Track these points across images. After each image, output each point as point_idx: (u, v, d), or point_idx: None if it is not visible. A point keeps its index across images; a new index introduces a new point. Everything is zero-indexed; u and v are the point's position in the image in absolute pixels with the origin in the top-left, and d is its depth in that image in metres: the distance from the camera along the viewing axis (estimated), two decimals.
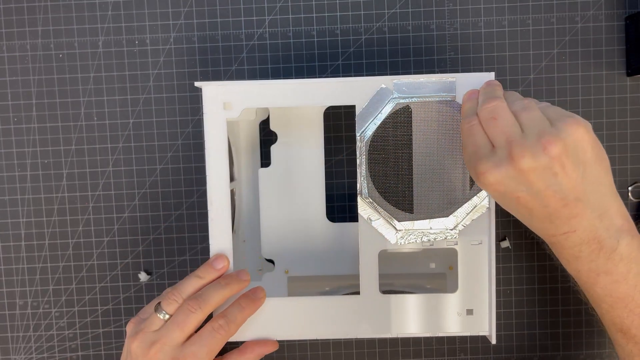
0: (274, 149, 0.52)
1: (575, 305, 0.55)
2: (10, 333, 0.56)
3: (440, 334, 0.47)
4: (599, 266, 0.39)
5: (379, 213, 0.46)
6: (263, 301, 0.46)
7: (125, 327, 0.56)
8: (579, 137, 0.37)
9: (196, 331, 0.44)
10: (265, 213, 0.53)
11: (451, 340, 0.56)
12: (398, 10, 0.54)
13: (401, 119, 0.45)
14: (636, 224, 0.54)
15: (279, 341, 0.48)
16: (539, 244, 0.55)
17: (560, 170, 0.37)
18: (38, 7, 0.54)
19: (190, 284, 0.45)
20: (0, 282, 0.56)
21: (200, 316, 0.43)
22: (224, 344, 0.44)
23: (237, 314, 0.44)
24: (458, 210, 0.46)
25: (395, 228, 0.46)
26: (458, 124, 0.45)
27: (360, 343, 0.56)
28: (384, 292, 0.46)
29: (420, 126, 0.45)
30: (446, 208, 0.46)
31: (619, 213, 0.39)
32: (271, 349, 0.47)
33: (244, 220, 0.55)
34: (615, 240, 0.39)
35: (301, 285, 0.53)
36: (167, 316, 0.43)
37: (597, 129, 0.54)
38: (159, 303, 0.44)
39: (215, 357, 0.44)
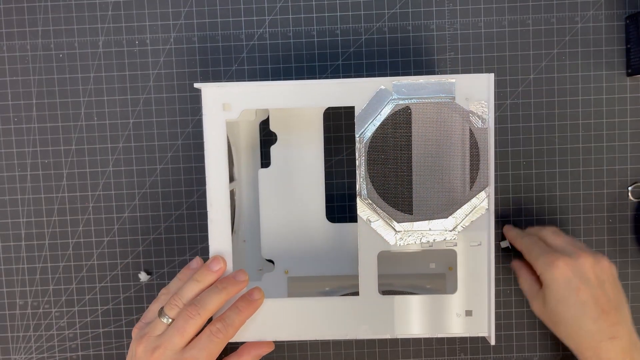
0: (273, 149, 0.52)
1: None
2: (10, 333, 0.56)
3: (440, 335, 0.47)
4: None
5: (378, 214, 0.46)
6: (261, 302, 0.46)
7: (125, 327, 0.56)
8: (614, 273, 0.48)
9: (197, 335, 0.44)
10: (265, 213, 0.53)
11: (451, 340, 0.56)
12: (398, 10, 0.54)
13: (400, 120, 0.45)
14: (636, 224, 0.55)
15: (279, 342, 0.48)
16: None
17: (607, 279, 0.47)
18: (38, 7, 0.54)
19: (190, 289, 0.45)
20: (0, 282, 0.56)
21: (199, 321, 0.43)
22: (223, 347, 0.44)
23: (235, 317, 0.45)
24: (457, 211, 0.46)
25: (394, 229, 0.46)
26: (457, 125, 0.45)
27: (360, 343, 0.56)
28: (384, 292, 0.46)
29: (420, 127, 0.45)
30: (445, 209, 0.46)
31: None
32: (267, 349, 0.47)
33: (244, 220, 0.55)
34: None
35: (301, 286, 0.53)
36: (169, 320, 0.44)
37: (597, 129, 0.54)
38: (162, 308, 0.44)
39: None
